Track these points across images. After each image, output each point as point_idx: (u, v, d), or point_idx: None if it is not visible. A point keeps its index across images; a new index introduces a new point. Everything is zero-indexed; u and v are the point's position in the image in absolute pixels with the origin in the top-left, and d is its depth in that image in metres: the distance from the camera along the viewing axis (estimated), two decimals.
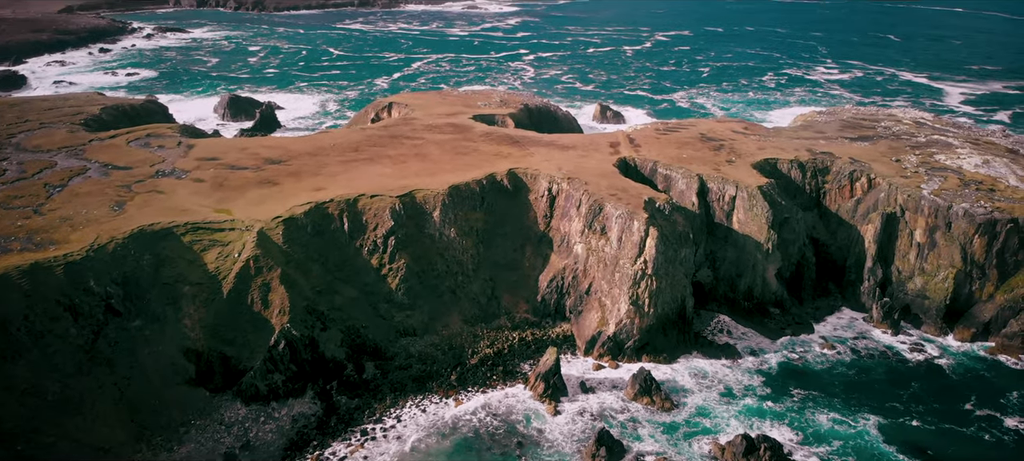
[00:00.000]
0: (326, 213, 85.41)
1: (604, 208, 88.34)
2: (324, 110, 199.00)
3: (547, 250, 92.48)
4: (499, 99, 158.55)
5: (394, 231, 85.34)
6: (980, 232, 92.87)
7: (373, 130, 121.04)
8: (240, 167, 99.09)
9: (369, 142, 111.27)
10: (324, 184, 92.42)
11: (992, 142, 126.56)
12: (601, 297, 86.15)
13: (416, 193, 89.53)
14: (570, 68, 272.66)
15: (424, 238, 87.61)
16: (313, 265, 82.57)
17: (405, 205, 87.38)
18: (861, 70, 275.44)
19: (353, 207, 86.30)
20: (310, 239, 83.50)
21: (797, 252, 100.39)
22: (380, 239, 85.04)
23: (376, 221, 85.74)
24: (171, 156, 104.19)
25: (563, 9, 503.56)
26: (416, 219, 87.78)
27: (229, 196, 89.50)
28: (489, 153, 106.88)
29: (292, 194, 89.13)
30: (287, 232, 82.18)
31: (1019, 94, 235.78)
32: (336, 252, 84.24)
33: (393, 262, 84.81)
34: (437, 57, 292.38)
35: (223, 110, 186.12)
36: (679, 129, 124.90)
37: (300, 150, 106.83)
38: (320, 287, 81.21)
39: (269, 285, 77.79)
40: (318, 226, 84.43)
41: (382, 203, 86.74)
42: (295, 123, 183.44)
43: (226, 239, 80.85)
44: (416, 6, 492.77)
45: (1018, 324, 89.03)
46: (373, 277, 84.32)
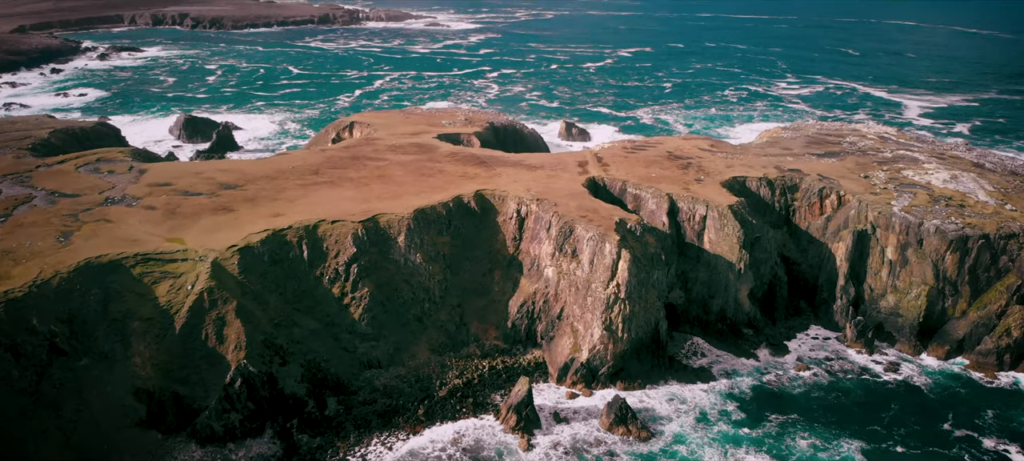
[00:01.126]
0: (284, 241, 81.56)
1: (575, 230, 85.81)
2: (283, 130, 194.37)
3: (517, 274, 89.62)
4: (464, 117, 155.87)
5: (357, 258, 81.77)
6: (952, 249, 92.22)
7: (334, 151, 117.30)
8: (194, 193, 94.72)
9: (330, 164, 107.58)
10: (282, 210, 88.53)
11: (957, 156, 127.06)
12: (573, 322, 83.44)
13: (379, 217, 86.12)
14: (534, 85, 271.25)
15: (388, 264, 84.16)
16: (271, 296, 78.61)
17: (368, 230, 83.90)
18: (821, 85, 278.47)
19: (313, 234, 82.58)
20: (267, 269, 79.56)
21: (769, 271, 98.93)
22: (342, 267, 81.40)
23: (337, 248, 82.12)
24: (122, 182, 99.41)
25: (525, 26, 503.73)
26: (380, 245, 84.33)
27: (182, 224, 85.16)
28: (455, 174, 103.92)
29: (248, 221, 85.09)
30: (243, 262, 78.16)
31: (976, 107, 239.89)
32: (295, 282, 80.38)
33: (356, 290, 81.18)
34: (399, 74, 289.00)
35: (179, 131, 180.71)
36: (646, 147, 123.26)
37: (257, 174, 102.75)
38: (278, 319, 77.27)
39: (224, 319, 73.69)
40: (276, 255, 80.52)
41: (344, 229, 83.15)
42: (254, 144, 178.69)
43: (178, 271, 76.59)
44: (377, 23, 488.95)
45: (992, 341, 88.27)
46: (335, 307, 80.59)
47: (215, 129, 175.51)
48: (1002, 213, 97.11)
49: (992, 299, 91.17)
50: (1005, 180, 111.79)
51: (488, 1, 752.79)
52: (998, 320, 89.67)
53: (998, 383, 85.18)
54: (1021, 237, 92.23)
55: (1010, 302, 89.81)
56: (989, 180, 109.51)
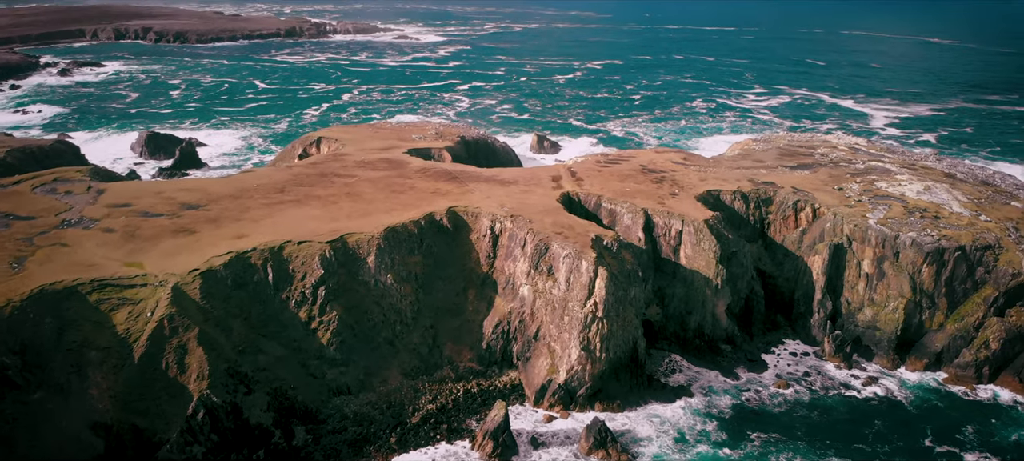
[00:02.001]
0: (248, 263, 78.32)
1: (550, 247, 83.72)
2: (249, 145, 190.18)
3: (491, 293, 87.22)
4: (434, 131, 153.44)
5: (324, 280, 78.79)
6: (928, 261, 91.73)
7: (300, 168, 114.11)
8: (154, 214, 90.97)
9: (296, 181, 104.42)
10: (246, 230, 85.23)
11: (928, 167, 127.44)
12: (550, 342, 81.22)
13: (348, 237, 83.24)
14: (505, 98, 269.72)
15: (358, 286, 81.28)
16: (235, 322, 75.31)
17: (336, 251, 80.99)
18: (788, 95, 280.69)
19: (278, 255, 79.46)
20: (231, 293, 76.25)
21: (746, 286, 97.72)
22: (309, 290, 78.36)
23: (304, 270, 79.07)
24: (79, 203, 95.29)
25: (494, 39, 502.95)
26: (348, 266, 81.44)
27: (141, 247, 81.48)
28: (426, 190, 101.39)
29: (211, 243, 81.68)
30: (205, 286, 74.79)
31: (942, 116, 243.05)
32: (260, 306, 77.17)
33: (324, 314, 78.17)
34: (368, 88, 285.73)
35: (141, 148, 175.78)
36: (620, 161, 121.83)
37: (220, 193, 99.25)
38: (243, 346, 73.97)
39: (186, 347, 70.27)
40: (239, 278, 77.25)
41: (310, 250, 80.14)
42: (218, 160, 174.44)
43: (137, 297, 73.01)
44: (344, 36, 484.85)
45: (970, 354, 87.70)
46: (302, 332, 77.49)
47: (178, 146, 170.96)
48: (977, 224, 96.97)
49: (969, 311, 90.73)
50: (977, 190, 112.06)
51: (456, 14, 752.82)
52: (976, 332, 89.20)
53: (977, 397, 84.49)
54: (996, 248, 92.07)
55: (987, 314, 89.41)
56: (962, 191, 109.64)
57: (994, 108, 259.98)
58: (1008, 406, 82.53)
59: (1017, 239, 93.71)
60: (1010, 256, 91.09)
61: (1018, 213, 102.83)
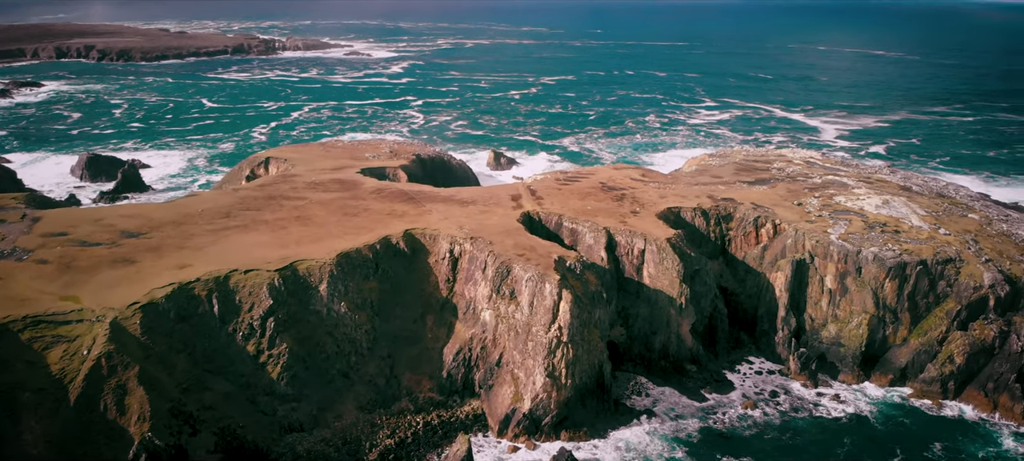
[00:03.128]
0: (192, 295, 73.74)
1: (512, 270, 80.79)
2: (194, 166, 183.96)
3: (451, 319, 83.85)
4: (388, 149, 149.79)
5: (273, 311, 74.56)
6: (891, 276, 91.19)
7: (248, 191, 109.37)
8: (92, 243, 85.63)
9: (243, 205, 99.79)
10: (190, 259, 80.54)
11: (884, 180, 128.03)
12: (513, 369, 78.12)
13: (298, 264, 79.16)
14: (459, 114, 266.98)
15: (309, 316, 77.18)
16: (178, 358, 70.66)
17: (286, 279, 76.83)
18: (739, 109, 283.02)
19: (224, 286, 75.01)
20: (174, 327, 71.59)
21: (709, 305, 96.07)
22: (257, 321, 74.04)
23: (252, 300, 74.75)
24: (12, 232, 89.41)
25: (446, 55, 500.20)
26: (299, 295, 77.34)
27: (78, 280, 76.24)
28: (381, 212, 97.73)
29: (152, 274, 76.85)
30: (146, 321, 70.05)
31: (889, 128, 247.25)
32: (205, 340, 72.60)
33: (273, 347, 73.91)
34: (318, 105, 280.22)
35: (81, 171, 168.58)
36: (579, 178, 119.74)
37: (163, 219, 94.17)
38: (187, 383, 69.36)
39: (125, 386, 65.43)
40: (183, 311, 72.64)
41: (258, 279, 75.86)
42: (163, 182, 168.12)
43: (73, 334, 67.99)
44: (294, 53, 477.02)
45: (935, 369, 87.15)
46: (250, 366, 73.10)
47: (120, 168, 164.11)
48: (937, 238, 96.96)
49: (932, 325, 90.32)
50: (934, 203, 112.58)
51: (408, 30, 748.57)
52: (940, 347, 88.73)
53: (944, 413, 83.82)
54: (957, 262, 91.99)
55: (950, 328, 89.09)
56: (919, 204, 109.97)
57: (940, 119, 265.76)
58: (974, 422, 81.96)
59: (977, 252, 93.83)
60: (971, 269, 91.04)
61: (975, 225, 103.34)
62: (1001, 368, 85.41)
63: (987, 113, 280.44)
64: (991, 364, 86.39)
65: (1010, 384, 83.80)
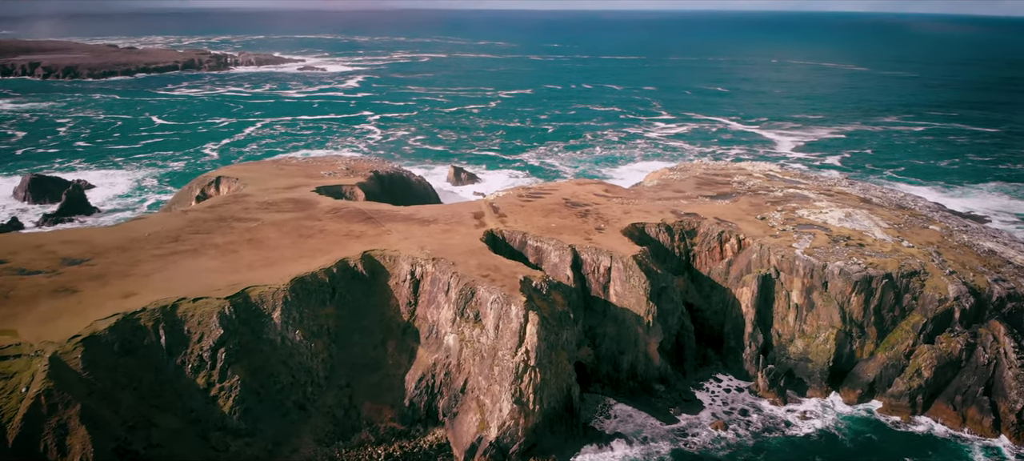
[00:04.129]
0: (138, 326, 69.36)
1: (477, 292, 77.90)
2: (143, 186, 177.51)
3: (413, 344, 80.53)
4: (345, 166, 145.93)
5: (224, 341, 70.48)
6: (857, 290, 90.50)
7: (197, 212, 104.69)
8: (32, 271, 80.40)
9: (192, 228, 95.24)
10: (136, 287, 76.01)
11: (844, 192, 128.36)
12: (479, 395, 75.11)
13: (250, 291, 75.19)
14: (417, 129, 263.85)
15: (262, 345, 73.24)
16: (123, 393, 66.16)
17: (237, 307, 72.82)
18: (696, 123, 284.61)
19: (171, 315, 70.74)
20: (118, 361, 67.13)
21: (676, 322, 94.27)
22: (207, 353, 69.90)
23: (201, 331, 70.60)
24: None
25: (403, 69, 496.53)
26: (251, 323, 73.37)
27: (16, 312, 71.16)
28: (338, 233, 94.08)
29: (95, 304, 72.19)
30: (88, 355, 65.50)
31: (843, 139, 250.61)
32: (152, 374, 68.24)
33: (225, 379, 69.82)
34: (272, 121, 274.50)
35: (24, 193, 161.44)
36: (542, 194, 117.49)
37: (107, 244, 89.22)
38: (133, 420, 64.88)
39: (67, 426, 60.80)
40: (128, 343, 68.21)
41: (208, 307, 71.75)
42: (109, 204, 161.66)
43: (10, 370, 63.11)
44: (247, 68, 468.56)
45: (903, 383, 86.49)
46: (200, 400, 68.88)
47: (65, 189, 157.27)
48: (901, 251, 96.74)
49: (899, 339, 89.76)
50: (895, 215, 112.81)
51: (363, 44, 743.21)
52: (907, 360, 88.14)
53: (914, 429, 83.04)
54: (922, 274, 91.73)
55: (917, 341, 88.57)
56: (881, 216, 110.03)
57: (891, 129, 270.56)
58: (944, 438, 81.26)
59: (941, 264, 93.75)
60: (936, 282, 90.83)
61: (937, 237, 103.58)
62: (968, 381, 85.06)
63: (936, 122, 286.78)
64: (958, 377, 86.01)
65: (978, 397, 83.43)
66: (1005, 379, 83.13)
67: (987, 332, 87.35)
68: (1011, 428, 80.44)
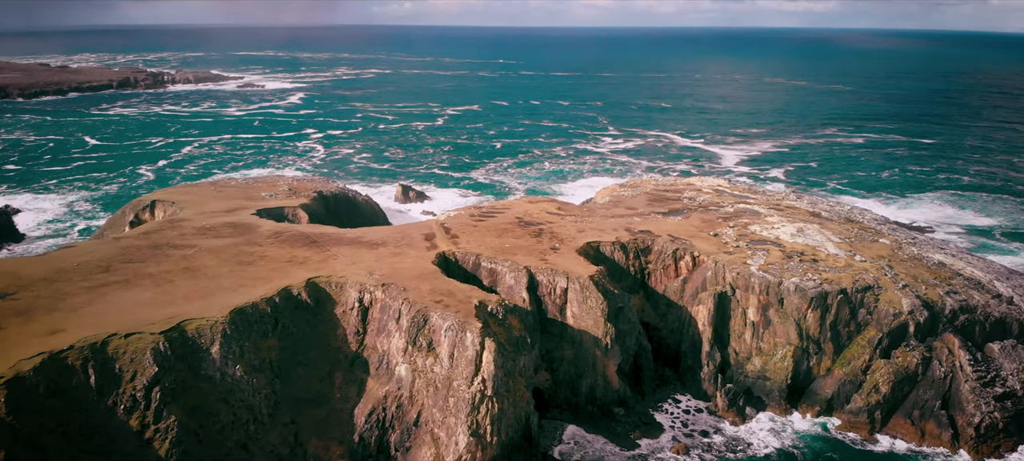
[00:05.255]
0: (65, 365, 64.03)
1: (430, 319, 74.52)
2: (74, 211, 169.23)
3: (362, 375, 76.62)
4: (287, 186, 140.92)
5: (159, 379, 65.65)
6: (813, 306, 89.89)
7: (130, 239, 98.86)
8: None
9: (124, 256, 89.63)
10: (63, 323, 70.48)
11: (793, 206, 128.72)
12: (433, 429, 71.59)
13: (186, 324, 70.42)
14: (363, 146, 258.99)
15: (201, 382, 68.52)
16: (50, 438, 60.68)
17: (172, 342, 68.02)
18: (642, 138, 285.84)
19: (102, 353, 65.60)
20: (44, 403, 61.67)
21: (634, 343, 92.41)
22: (140, 392, 64.95)
23: (134, 368, 65.61)
24: None
25: (347, 86, 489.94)
26: (188, 359, 68.62)
27: None
28: (280, 259, 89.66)
29: (18, 343, 66.44)
30: (11, 398, 59.84)
31: (786, 152, 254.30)
32: (81, 417, 62.96)
33: (160, 420, 64.92)
34: (210, 140, 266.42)
35: None
36: (494, 214, 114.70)
37: (33, 275, 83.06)
38: None
39: None
40: (54, 384, 62.83)
41: (141, 343, 66.79)
42: (39, 230, 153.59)
43: None
44: (184, 86, 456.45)
45: (862, 399, 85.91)
46: (134, 443, 63.80)
47: None
48: (854, 265, 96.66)
49: (855, 354, 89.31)
50: (845, 228, 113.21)
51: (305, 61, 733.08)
52: (864, 376, 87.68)
53: (873, 447, 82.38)
54: (876, 289, 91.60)
55: (873, 357, 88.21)
56: (832, 230, 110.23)
57: (832, 142, 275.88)
58: (903, 455, 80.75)
59: (894, 278, 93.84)
60: (890, 296, 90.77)
61: (888, 250, 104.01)
62: (925, 395, 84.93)
63: (874, 134, 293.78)
64: (915, 391, 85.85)
65: (935, 411, 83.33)
66: (962, 393, 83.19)
67: (942, 345, 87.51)
68: (970, 442, 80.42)
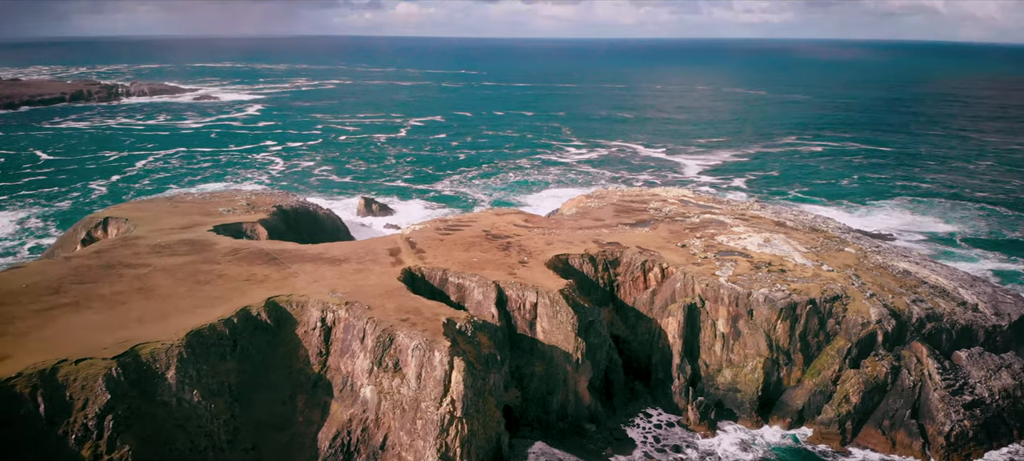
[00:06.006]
0: (13, 394, 60.50)
1: (396, 338, 72.26)
2: (26, 229, 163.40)
3: (326, 398, 73.99)
4: (245, 201, 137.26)
5: (112, 407, 62.36)
6: (782, 317, 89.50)
7: (82, 258, 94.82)
8: None
9: (75, 277, 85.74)
10: (10, 349, 66.71)
11: (758, 216, 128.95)
12: (401, 452, 69.23)
13: (141, 348, 67.25)
14: (324, 158, 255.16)
15: (156, 409, 65.32)
16: None
17: (126, 368, 64.82)
18: (605, 148, 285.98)
19: (51, 380, 62.14)
20: None
21: (605, 357, 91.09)
22: (92, 421, 61.60)
23: (85, 396, 62.26)
24: None
25: (307, 97, 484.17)
26: (143, 385, 65.44)
27: None
28: (239, 278, 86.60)
29: None
30: None
31: (747, 161, 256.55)
32: (31, 448, 59.44)
33: (113, 450, 61.62)
34: (166, 153, 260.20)
35: None
36: (461, 227, 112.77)
37: None
38: None
39: None
40: (2, 414, 59.20)
41: (93, 369, 63.47)
42: None
43: None
44: (139, 98, 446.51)
45: (832, 410, 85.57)
46: None
47: None
48: (822, 275, 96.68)
49: (825, 365, 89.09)
50: (810, 238, 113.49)
51: (264, 71, 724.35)
52: (834, 386, 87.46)
53: (848, 458, 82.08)
54: (844, 298, 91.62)
55: (843, 366, 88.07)
56: (799, 240, 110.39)
57: (791, 150, 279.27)
58: None
59: (861, 287, 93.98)
60: (858, 305, 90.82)
61: (854, 259, 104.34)
62: (895, 404, 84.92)
63: (832, 142, 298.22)
64: (885, 401, 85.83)
65: (905, 420, 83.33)
66: (931, 401, 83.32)
67: (910, 354, 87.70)
68: (940, 451, 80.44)
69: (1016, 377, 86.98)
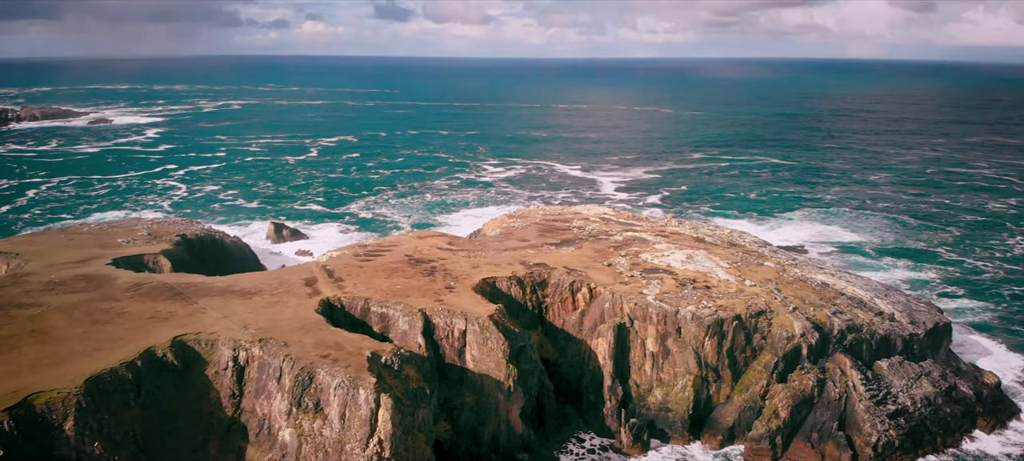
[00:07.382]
0: None
1: (316, 376, 67.64)
2: None
3: (241, 443, 68.55)
4: (147, 231, 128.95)
5: None
6: (710, 333, 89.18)
7: None
8: None
9: None
10: None
11: (677, 232, 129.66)
12: None
13: (34, 398, 60.49)
14: (229, 182, 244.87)
15: None
16: None
17: (18, 420, 57.99)
18: (523, 166, 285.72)
19: None
20: None
21: (536, 382, 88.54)
22: None
23: None
24: None
25: (211, 118, 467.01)
26: (38, 439, 58.74)
27: None
28: (141, 316, 79.95)
29: None
30: None
31: (660, 178, 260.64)
32: None
33: None
34: (59, 181, 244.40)
35: None
36: (382, 252, 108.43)
37: None
38: None
39: None
40: None
41: None
42: None
43: None
44: (30, 123, 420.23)
45: (763, 425, 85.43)
46: None
47: None
48: (745, 290, 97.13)
49: (753, 380, 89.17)
50: (730, 253, 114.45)
51: (164, 93, 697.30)
52: (763, 402, 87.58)
53: None
54: (768, 313, 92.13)
55: (770, 381, 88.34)
56: (720, 256, 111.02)
57: (700, 166, 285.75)
58: None
59: (783, 301, 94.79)
60: (782, 320, 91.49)
61: (774, 273, 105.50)
62: (823, 417, 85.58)
63: (739, 158, 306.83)
64: (813, 414, 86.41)
65: (833, 433, 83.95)
66: (857, 412, 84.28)
67: (834, 366, 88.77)
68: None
69: (936, 385, 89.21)
